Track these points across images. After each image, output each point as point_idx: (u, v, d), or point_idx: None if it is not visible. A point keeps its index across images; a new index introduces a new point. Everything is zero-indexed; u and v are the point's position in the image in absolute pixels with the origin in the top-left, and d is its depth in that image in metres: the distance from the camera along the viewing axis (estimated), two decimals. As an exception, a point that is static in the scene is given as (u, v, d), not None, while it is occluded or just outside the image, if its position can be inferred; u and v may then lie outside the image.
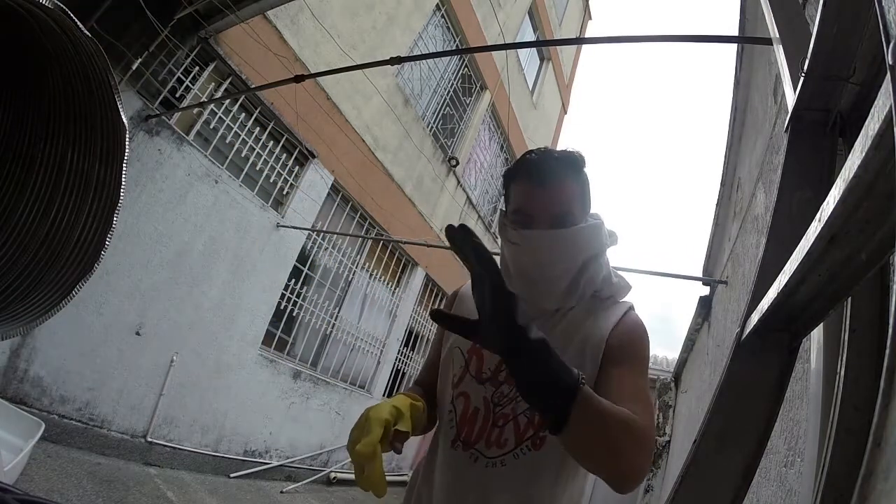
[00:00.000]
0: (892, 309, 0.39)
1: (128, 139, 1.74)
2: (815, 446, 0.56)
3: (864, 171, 0.31)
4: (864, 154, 0.31)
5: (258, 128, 4.36)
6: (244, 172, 4.27)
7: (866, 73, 0.59)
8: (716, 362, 3.22)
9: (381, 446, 0.66)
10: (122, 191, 1.77)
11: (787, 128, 0.67)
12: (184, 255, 3.81)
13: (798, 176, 0.62)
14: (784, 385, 0.50)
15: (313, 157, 4.83)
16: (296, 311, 4.92)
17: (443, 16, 6.75)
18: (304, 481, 4.91)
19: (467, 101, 7.61)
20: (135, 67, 3.33)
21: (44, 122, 1.82)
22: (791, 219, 0.59)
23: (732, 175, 3.59)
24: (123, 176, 1.77)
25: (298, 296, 4.91)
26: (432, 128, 6.84)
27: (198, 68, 3.87)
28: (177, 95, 3.72)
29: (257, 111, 4.31)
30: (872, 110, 0.31)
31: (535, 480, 0.76)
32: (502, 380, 0.81)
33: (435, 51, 6.32)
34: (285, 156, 4.65)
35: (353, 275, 5.68)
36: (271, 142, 4.49)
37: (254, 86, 3.91)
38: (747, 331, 0.53)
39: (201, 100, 3.81)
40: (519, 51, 8.64)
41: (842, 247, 0.37)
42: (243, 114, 4.25)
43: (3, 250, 1.77)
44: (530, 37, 9.09)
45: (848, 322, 0.53)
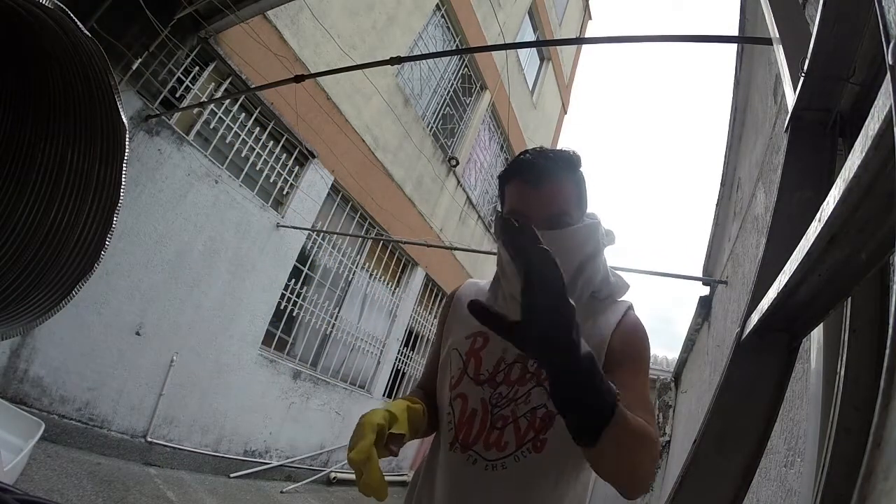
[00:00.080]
0: (892, 309, 0.39)
1: (128, 139, 1.74)
2: (815, 446, 0.56)
3: (864, 171, 0.31)
4: (864, 154, 0.31)
5: (258, 128, 4.36)
6: (244, 172, 4.27)
7: (866, 73, 0.59)
8: (716, 362, 3.22)
9: (378, 450, 0.65)
10: (122, 191, 1.77)
11: (787, 128, 0.67)
12: (184, 255, 3.81)
13: (798, 176, 0.62)
14: (784, 385, 0.50)
15: (313, 157, 4.83)
16: (296, 311, 4.92)
17: (443, 16, 6.75)
18: (304, 481, 4.91)
19: (467, 101, 7.61)
20: (135, 67, 3.33)
21: (44, 122, 1.82)
22: (791, 219, 0.59)
23: (732, 175, 3.59)
24: (123, 176, 1.77)
25: (298, 296, 4.91)
26: (432, 128, 6.84)
27: (198, 68, 3.87)
28: (177, 95, 3.72)
29: (257, 111, 4.31)
30: (872, 110, 0.31)
31: (537, 483, 0.76)
32: (500, 381, 0.80)
33: (435, 51, 6.32)
34: (285, 156, 4.65)
35: (353, 275, 5.68)
36: (271, 142, 4.49)
37: (254, 86, 3.91)
38: (747, 331, 0.53)
39: (201, 100, 3.81)
40: (519, 51, 8.64)
41: (842, 247, 0.37)
42: (243, 114, 4.26)
43: (3, 250, 1.77)
44: (530, 37, 9.09)
45: (848, 322, 0.53)
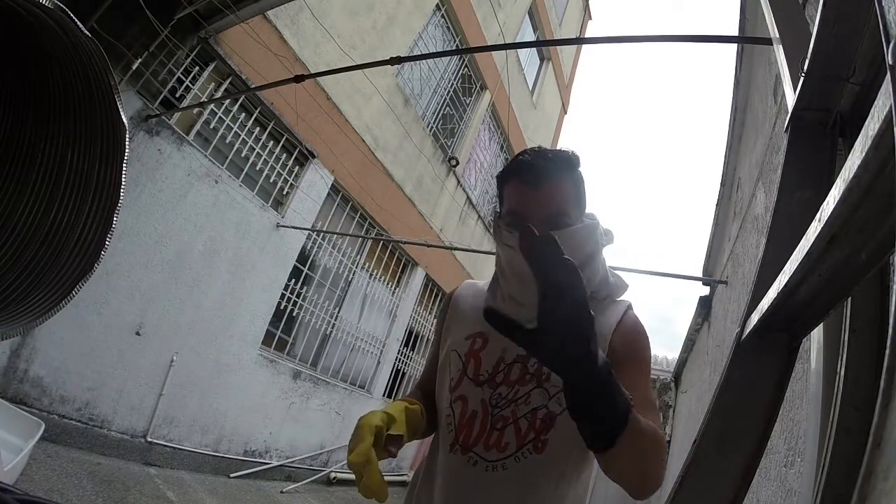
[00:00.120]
0: (892, 309, 0.39)
1: (128, 139, 1.74)
2: (815, 446, 0.56)
3: (864, 171, 0.31)
4: (864, 154, 0.31)
5: (258, 128, 4.36)
6: (244, 172, 4.27)
7: (866, 73, 0.59)
8: (716, 362, 3.22)
9: (377, 452, 0.66)
10: (122, 191, 1.77)
11: (787, 128, 0.67)
12: (184, 255, 3.81)
13: (798, 176, 0.62)
14: (784, 385, 0.50)
15: (313, 157, 4.83)
16: (296, 311, 4.92)
17: (443, 16, 6.75)
18: (304, 481, 4.91)
19: (467, 101, 7.61)
20: (135, 67, 3.33)
21: (44, 122, 1.82)
22: (791, 219, 0.59)
23: (732, 175, 3.59)
24: (123, 176, 1.77)
25: (298, 296, 4.91)
26: (432, 128, 6.83)
27: (198, 68, 3.87)
28: (177, 95, 3.72)
29: (257, 111, 4.31)
30: (872, 110, 0.31)
31: (538, 484, 0.75)
32: (500, 381, 0.80)
33: (435, 51, 6.32)
34: (285, 156, 4.65)
35: (353, 275, 5.68)
36: (271, 142, 4.49)
37: (254, 86, 3.91)
38: (747, 331, 0.53)
39: (201, 100, 3.81)
40: (519, 51, 8.64)
41: (842, 247, 0.37)
42: (243, 114, 4.25)
43: (3, 250, 1.77)
44: (530, 37, 9.09)
45: (848, 322, 0.53)
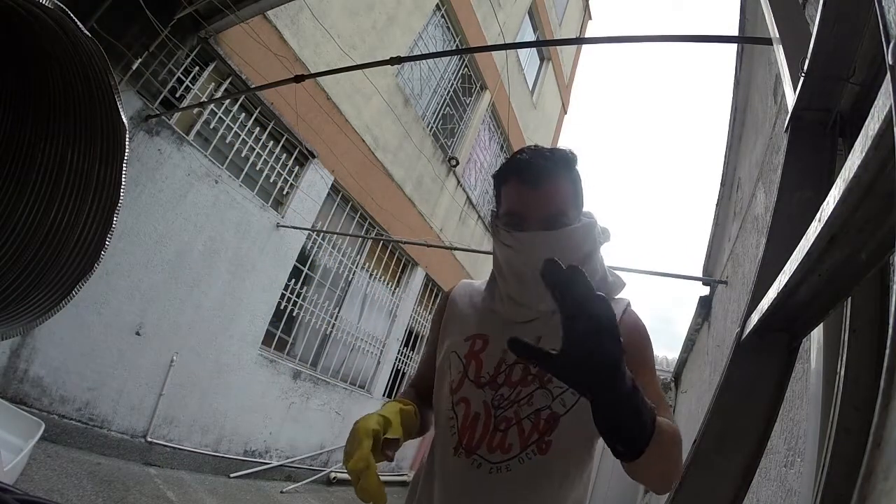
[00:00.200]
0: (892, 309, 0.39)
1: (128, 139, 1.74)
2: (815, 446, 0.56)
3: (864, 171, 0.31)
4: (864, 154, 0.31)
5: (258, 128, 4.36)
6: (244, 172, 4.27)
7: (866, 73, 0.59)
8: (716, 362, 3.22)
9: (374, 456, 0.67)
10: (122, 191, 1.77)
11: (787, 128, 0.67)
12: (184, 255, 3.81)
13: (798, 176, 0.62)
14: (784, 385, 0.50)
15: (313, 157, 4.83)
16: (296, 311, 4.92)
17: (443, 16, 6.75)
18: (304, 481, 4.91)
19: (467, 101, 7.61)
20: (135, 67, 3.33)
21: (44, 122, 1.82)
22: (791, 219, 0.59)
23: (732, 175, 3.59)
24: (123, 176, 1.77)
25: (298, 296, 4.91)
26: (432, 128, 6.83)
27: (198, 68, 3.87)
28: (177, 95, 3.72)
29: (257, 111, 4.31)
30: (872, 110, 0.31)
31: (541, 485, 0.75)
32: (501, 382, 0.79)
33: (435, 51, 6.32)
34: (285, 156, 4.65)
35: (353, 275, 5.68)
36: (271, 142, 4.49)
37: (254, 86, 3.91)
38: (747, 331, 0.53)
39: (201, 100, 3.81)
40: (519, 51, 8.63)
41: (842, 247, 0.37)
42: (243, 114, 4.25)
43: (3, 250, 1.77)
44: (530, 37, 9.08)
45: (848, 322, 0.53)
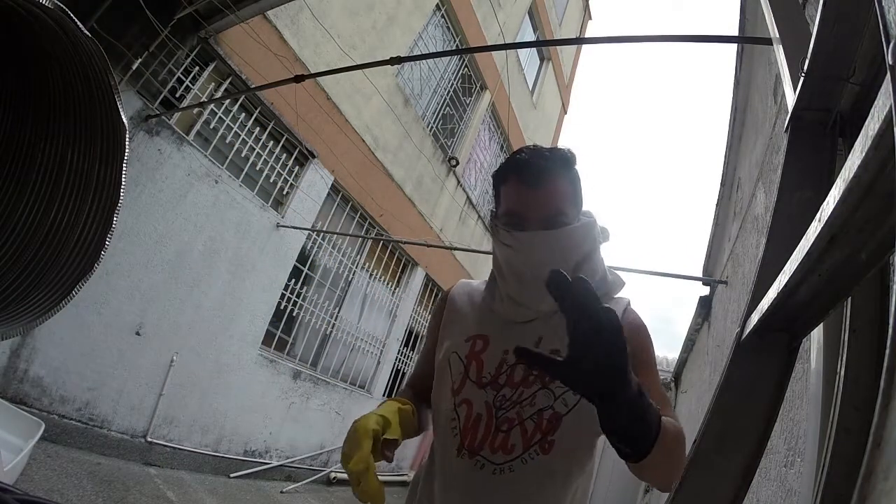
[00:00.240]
0: (892, 309, 0.39)
1: (128, 139, 1.74)
2: (815, 446, 0.56)
3: (864, 171, 0.31)
4: (864, 154, 0.31)
5: (258, 128, 4.36)
6: (244, 172, 4.27)
7: (866, 73, 0.58)
8: (716, 362, 3.22)
9: (374, 456, 0.66)
10: (122, 191, 1.77)
11: (787, 128, 0.67)
12: (184, 255, 3.81)
13: (798, 176, 0.62)
14: (784, 385, 0.50)
15: (313, 157, 4.83)
16: (296, 311, 4.92)
17: (443, 16, 6.75)
18: (304, 481, 4.91)
19: (467, 101, 7.61)
20: (135, 67, 3.33)
21: (44, 122, 1.82)
22: (791, 219, 0.59)
23: (732, 175, 3.59)
24: (123, 176, 1.77)
25: (298, 296, 4.91)
26: (432, 128, 6.83)
27: (198, 68, 3.87)
28: (177, 95, 3.72)
29: (257, 111, 4.31)
30: (872, 110, 0.31)
31: (544, 484, 0.75)
32: (503, 383, 0.79)
33: (435, 51, 6.32)
34: (285, 156, 4.65)
35: (353, 275, 5.68)
36: (271, 142, 4.49)
37: (254, 86, 3.91)
38: (747, 331, 0.53)
39: (201, 100, 3.81)
40: (519, 51, 8.63)
41: (842, 247, 0.37)
42: (243, 114, 4.26)
43: (3, 250, 1.77)
44: (530, 37, 9.09)
45: (848, 322, 0.53)
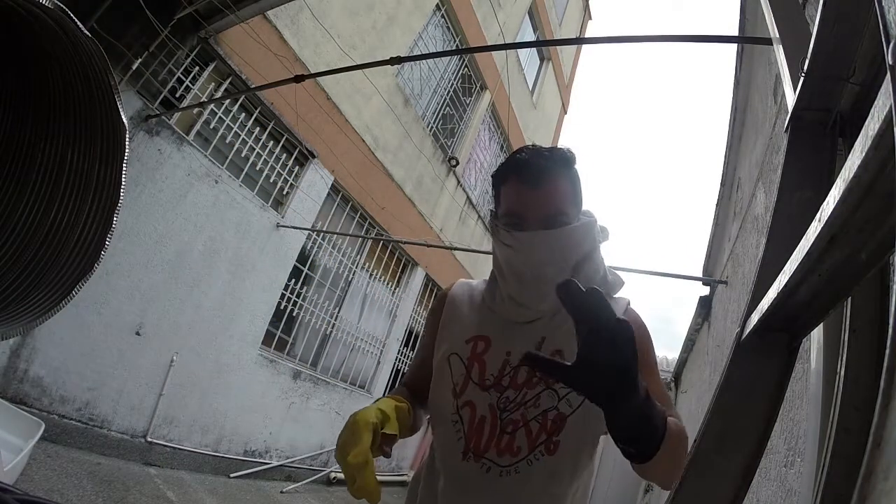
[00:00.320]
0: (892, 309, 0.39)
1: (128, 139, 1.74)
2: (814, 446, 0.56)
3: (864, 171, 0.31)
4: (864, 154, 0.31)
5: (258, 128, 4.36)
6: (244, 172, 4.27)
7: (866, 73, 0.58)
8: (716, 362, 3.22)
9: (372, 451, 0.65)
10: (122, 191, 1.77)
11: (787, 128, 0.67)
12: (184, 255, 3.81)
13: (798, 176, 0.62)
14: (784, 385, 0.50)
15: (313, 157, 4.83)
16: (296, 311, 4.92)
17: (443, 16, 6.75)
18: (304, 481, 4.91)
19: (467, 101, 7.61)
20: (135, 67, 3.33)
21: (44, 122, 1.82)
22: (791, 219, 0.59)
23: (732, 175, 3.60)
24: (123, 176, 1.77)
25: (298, 296, 4.91)
26: (432, 128, 6.83)
27: (198, 68, 3.87)
28: (177, 95, 3.72)
29: (257, 111, 4.31)
30: (872, 110, 0.31)
31: (551, 485, 0.75)
32: (507, 384, 0.79)
33: (435, 51, 6.32)
34: (285, 156, 4.65)
35: (353, 275, 5.68)
36: (271, 142, 4.49)
37: (254, 86, 3.91)
38: (747, 331, 0.53)
39: (201, 100, 3.81)
40: (519, 51, 8.63)
41: (842, 247, 0.37)
42: (243, 114, 4.26)
43: (3, 250, 1.77)
44: (530, 37, 9.09)
45: (848, 322, 0.53)
